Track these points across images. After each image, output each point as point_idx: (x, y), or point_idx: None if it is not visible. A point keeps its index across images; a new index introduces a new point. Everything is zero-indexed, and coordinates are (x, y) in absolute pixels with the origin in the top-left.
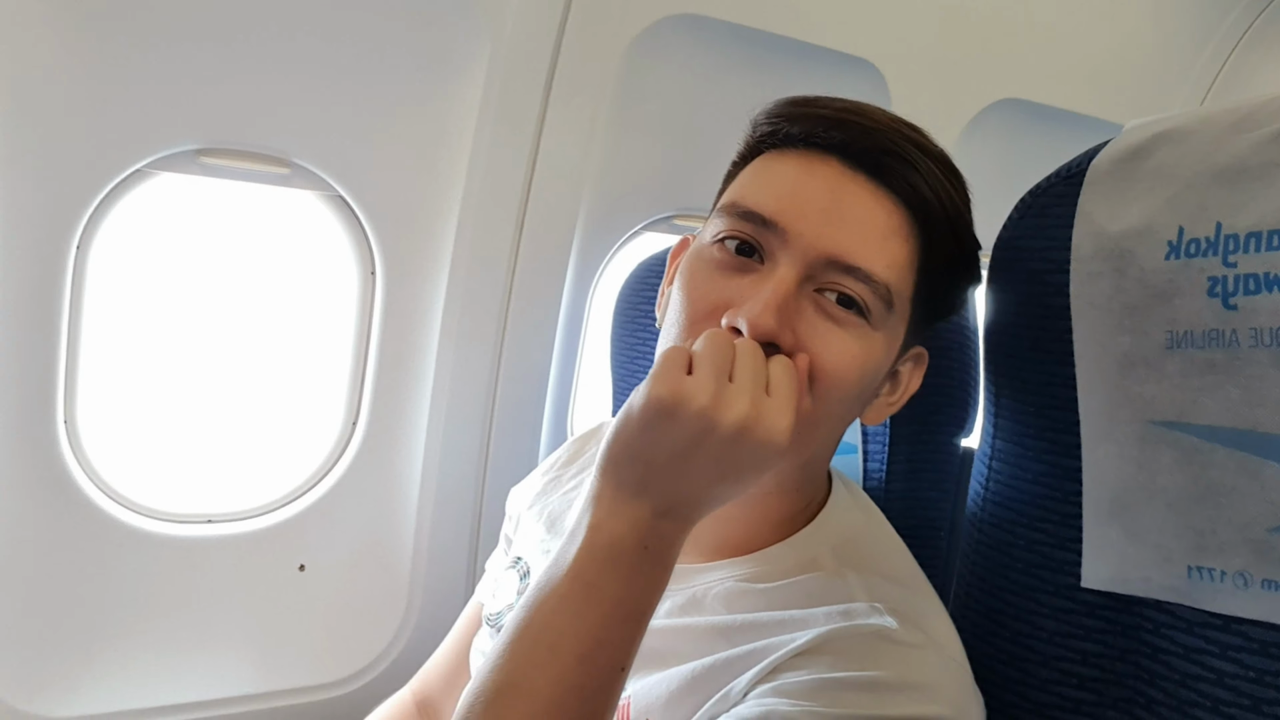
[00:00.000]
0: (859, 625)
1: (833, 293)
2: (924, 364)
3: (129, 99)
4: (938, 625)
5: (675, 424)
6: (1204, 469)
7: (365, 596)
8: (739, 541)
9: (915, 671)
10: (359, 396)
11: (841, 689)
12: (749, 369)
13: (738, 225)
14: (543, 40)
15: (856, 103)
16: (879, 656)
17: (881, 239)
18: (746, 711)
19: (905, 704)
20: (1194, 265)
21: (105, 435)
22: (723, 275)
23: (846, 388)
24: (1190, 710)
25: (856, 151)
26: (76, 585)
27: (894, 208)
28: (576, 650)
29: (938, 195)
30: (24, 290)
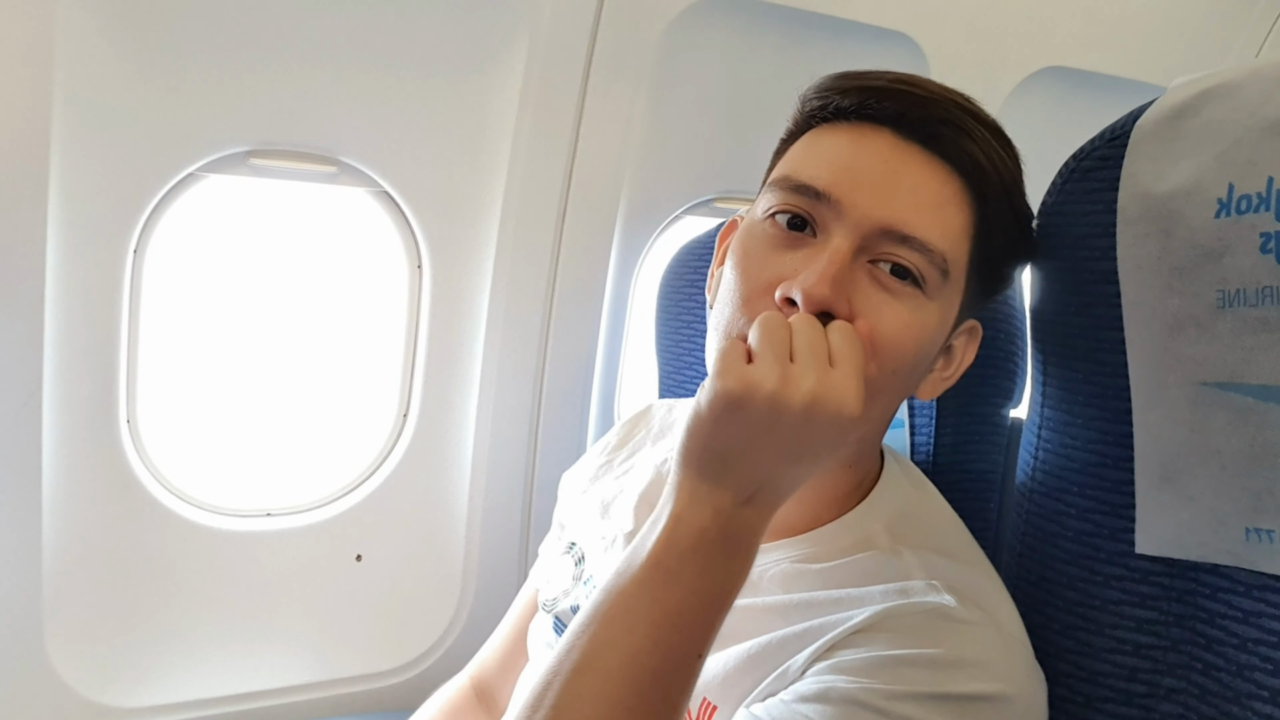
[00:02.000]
0: (916, 603)
1: (887, 263)
2: (978, 338)
3: (181, 105)
4: (997, 602)
5: (746, 413)
6: (1260, 429)
7: (421, 585)
8: (794, 522)
9: (974, 649)
10: (409, 388)
11: (900, 665)
12: (808, 344)
13: (790, 199)
14: (579, 29)
15: (907, 75)
16: (937, 634)
17: (936, 207)
18: (805, 688)
19: (965, 681)
20: (1245, 222)
21: (167, 433)
22: (776, 250)
23: (903, 357)
24: (1250, 674)
25: (909, 121)
26: (143, 580)
27: (948, 176)
28: (652, 634)
29: (993, 163)
30: (86, 295)
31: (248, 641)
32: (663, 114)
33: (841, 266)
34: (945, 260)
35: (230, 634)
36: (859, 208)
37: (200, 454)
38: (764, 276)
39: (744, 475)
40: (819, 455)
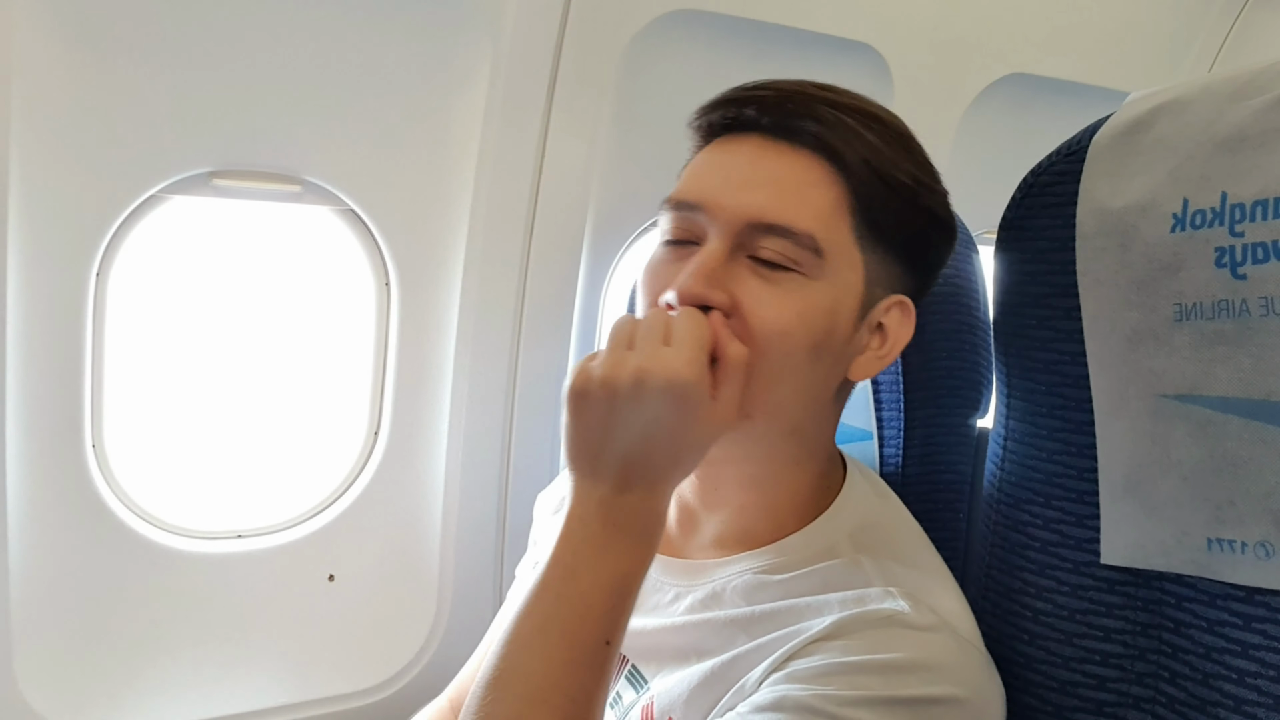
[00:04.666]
0: (872, 610)
1: (759, 254)
2: (911, 314)
3: (142, 127)
4: (952, 608)
5: (588, 401)
6: (1219, 440)
7: (395, 604)
8: (757, 533)
9: (928, 653)
10: (380, 407)
11: (853, 672)
12: (644, 329)
13: (672, 220)
14: (543, 44)
15: (773, 80)
16: (891, 640)
17: (796, 191)
18: (760, 699)
19: (918, 685)
20: (1200, 236)
21: (133, 457)
22: (667, 266)
23: (791, 338)
24: (1215, 683)
25: (768, 122)
26: (113, 605)
27: (810, 161)
28: (561, 628)
29: (848, 141)
30: (47, 318)
31: (221, 665)
32: (628, 128)
33: (713, 263)
34: (814, 239)
35: (203, 657)
36: (726, 208)
37: (169, 477)
38: (656, 291)
39: (610, 461)
40: (676, 432)
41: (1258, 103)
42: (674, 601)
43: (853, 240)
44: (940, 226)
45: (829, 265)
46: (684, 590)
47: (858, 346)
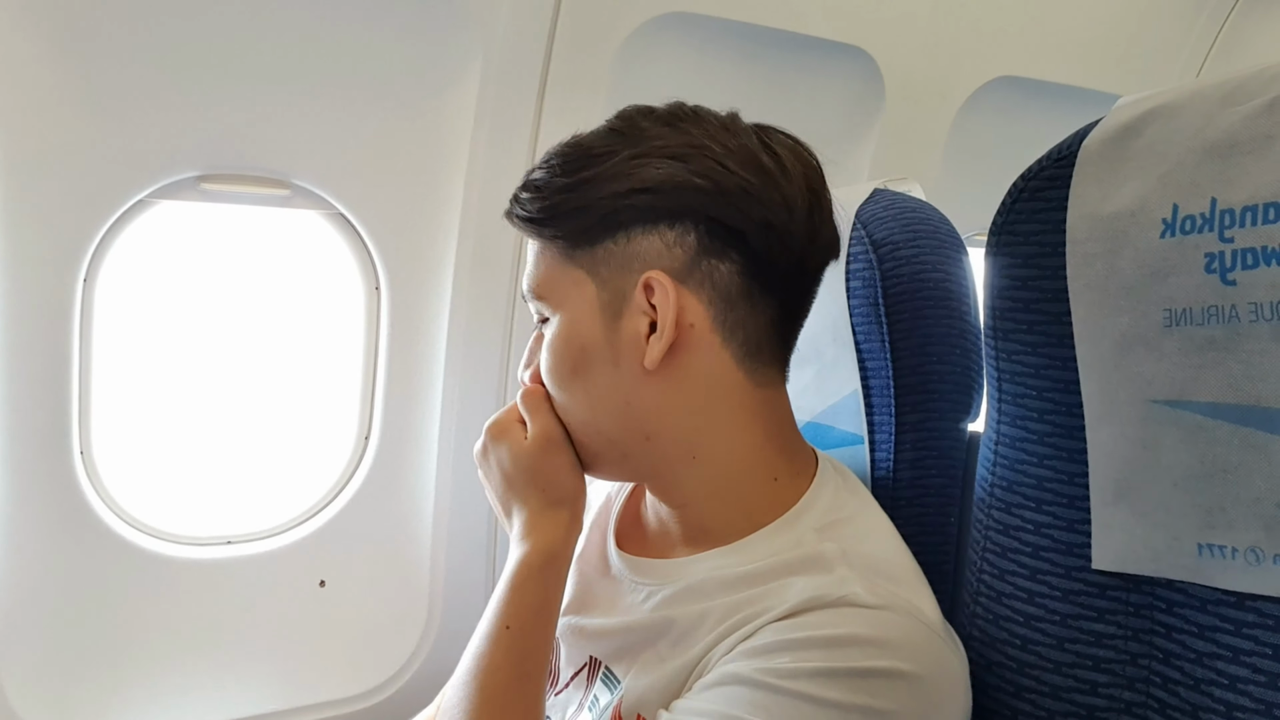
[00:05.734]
0: (827, 593)
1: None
2: (668, 286)
3: (128, 131)
4: (916, 593)
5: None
6: (1209, 446)
7: (386, 609)
8: (724, 532)
9: (876, 629)
10: (370, 410)
11: (797, 647)
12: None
13: None
14: (533, 47)
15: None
16: (841, 618)
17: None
18: (709, 678)
19: (860, 657)
20: (1189, 242)
21: (122, 463)
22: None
23: (556, 375)
24: (1206, 688)
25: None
26: (102, 612)
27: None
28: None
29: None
30: (34, 325)
31: (211, 672)
32: None
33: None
34: (531, 291)
35: (193, 665)
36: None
37: (158, 483)
38: None
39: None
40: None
41: (1247, 108)
42: (645, 600)
43: (564, 265)
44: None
45: (555, 299)
46: (655, 588)
47: (635, 339)
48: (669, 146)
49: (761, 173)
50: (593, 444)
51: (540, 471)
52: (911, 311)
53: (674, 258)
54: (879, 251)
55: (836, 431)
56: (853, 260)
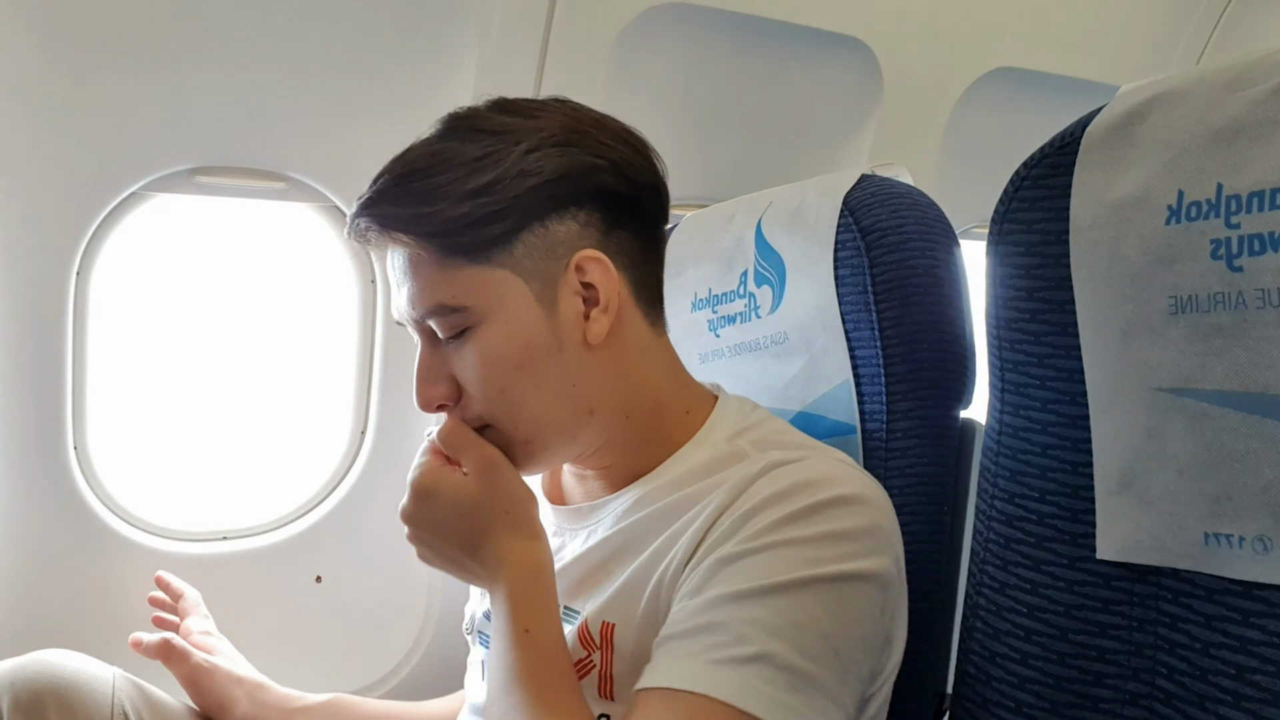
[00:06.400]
0: (753, 470)
1: (441, 333)
2: (601, 260)
3: (122, 123)
4: (826, 448)
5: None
6: (1215, 434)
7: (384, 604)
8: (641, 467)
9: (809, 473)
10: (366, 404)
11: (752, 515)
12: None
13: None
14: (530, 39)
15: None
16: (776, 479)
17: (410, 281)
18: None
19: (808, 496)
20: (1195, 229)
21: (117, 458)
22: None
23: (496, 379)
24: (1213, 678)
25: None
26: (97, 608)
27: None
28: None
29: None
30: (27, 318)
31: None
32: None
33: (425, 365)
34: (440, 304)
35: None
36: (401, 312)
37: (153, 477)
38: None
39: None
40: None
41: (1253, 93)
42: (586, 540)
43: (480, 269)
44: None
45: (481, 305)
46: (593, 526)
47: (574, 320)
48: (555, 135)
49: (626, 141)
50: (541, 438)
51: (494, 496)
52: (901, 299)
53: (590, 236)
54: (867, 239)
55: (828, 421)
56: (840, 248)
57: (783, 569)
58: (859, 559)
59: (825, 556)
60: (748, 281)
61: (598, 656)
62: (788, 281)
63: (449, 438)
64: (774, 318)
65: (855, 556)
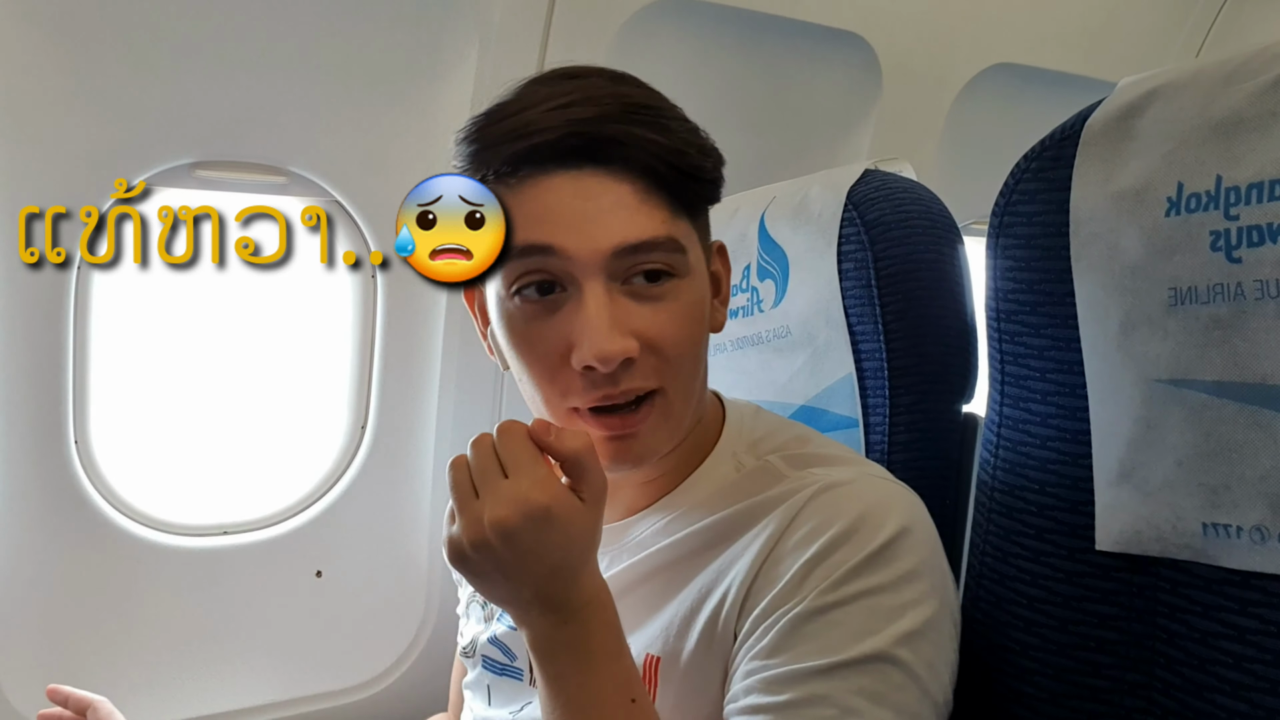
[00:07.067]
0: (798, 495)
1: (637, 276)
2: (724, 252)
3: (123, 118)
4: (858, 459)
5: (472, 566)
6: (1214, 425)
7: (383, 599)
8: (662, 483)
9: (864, 502)
10: (366, 400)
11: (819, 561)
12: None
13: (523, 267)
14: (530, 33)
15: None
16: (826, 507)
17: (638, 209)
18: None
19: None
20: (1195, 220)
21: (118, 453)
22: (541, 321)
23: (691, 337)
24: (1211, 668)
25: (565, 156)
26: (98, 603)
27: (624, 178)
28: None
29: (646, 149)
30: (28, 314)
31: (207, 662)
32: None
33: (608, 309)
34: (672, 239)
35: (189, 655)
36: (584, 246)
37: (154, 472)
38: (550, 353)
39: (528, 601)
40: (563, 547)
41: (1252, 86)
42: (609, 564)
43: (685, 225)
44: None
45: (690, 257)
46: (616, 552)
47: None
48: None
49: None
50: (686, 416)
51: (597, 530)
52: (905, 293)
53: (709, 228)
54: (871, 233)
55: (830, 415)
56: (844, 242)
57: (873, 627)
58: (934, 596)
59: (908, 601)
60: (751, 275)
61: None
62: (791, 276)
63: (583, 453)
64: (777, 312)
65: (931, 594)
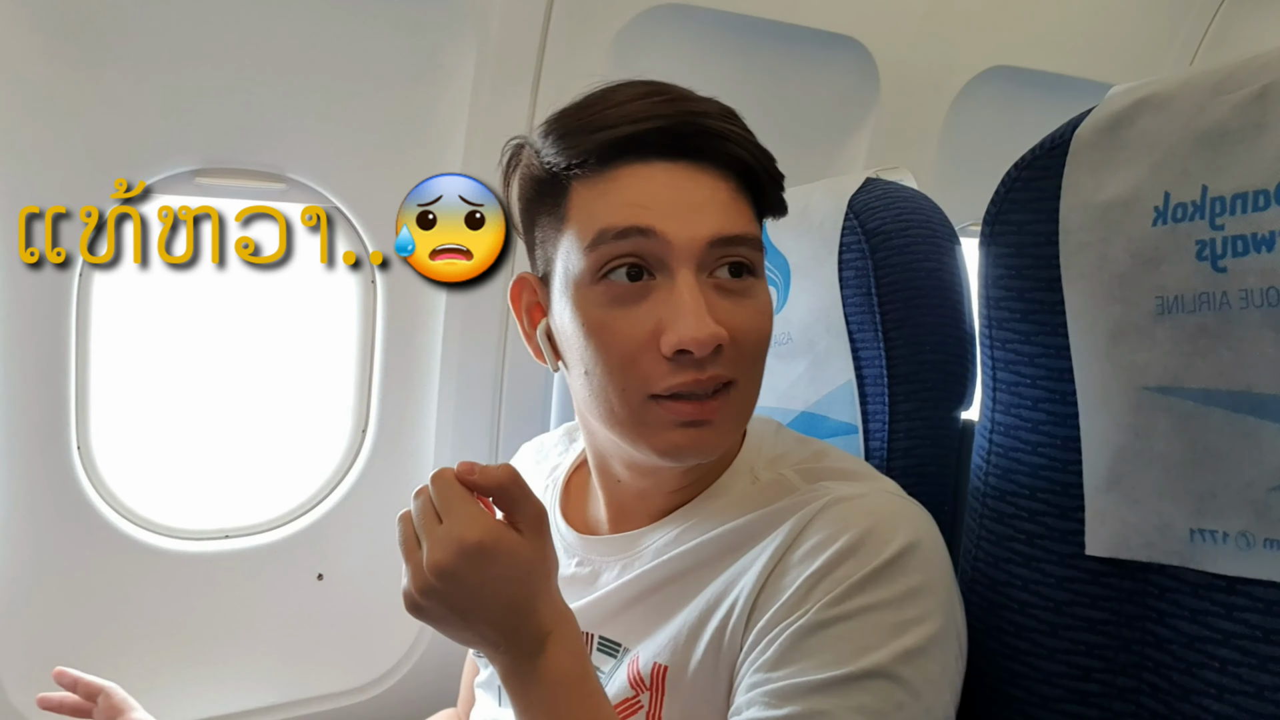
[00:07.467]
0: (807, 507)
1: (722, 268)
2: None
3: (124, 126)
4: (871, 472)
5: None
6: (1200, 433)
7: (384, 603)
8: (679, 497)
9: (872, 517)
10: (367, 403)
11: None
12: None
13: (618, 249)
14: (527, 39)
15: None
16: (834, 520)
17: (731, 204)
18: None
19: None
20: (1181, 230)
21: (119, 457)
22: (627, 306)
23: (767, 339)
24: (1198, 672)
25: (669, 147)
26: (100, 607)
27: (720, 174)
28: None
29: (743, 149)
30: (31, 320)
31: (209, 665)
32: None
33: (704, 307)
34: (758, 239)
35: (191, 658)
36: (683, 232)
37: (155, 477)
38: (635, 336)
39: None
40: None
41: (1237, 97)
42: (620, 573)
43: (756, 222)
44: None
45: (763, 259)
46: (628, 560)
47: None
48: None
49: None
50: (750, 413)
51: (547, 559)
52: (904, 301)
53: None
54: (872, 241)
55: (830, 421)
56: (845, 250)
57: (875, 642)
58: (939, 612)
59: (911, 618)
60: None
61: (646, 698)
62: (792, 283)
63: (509, 485)
64: (779, 318)
65: (936, 611)
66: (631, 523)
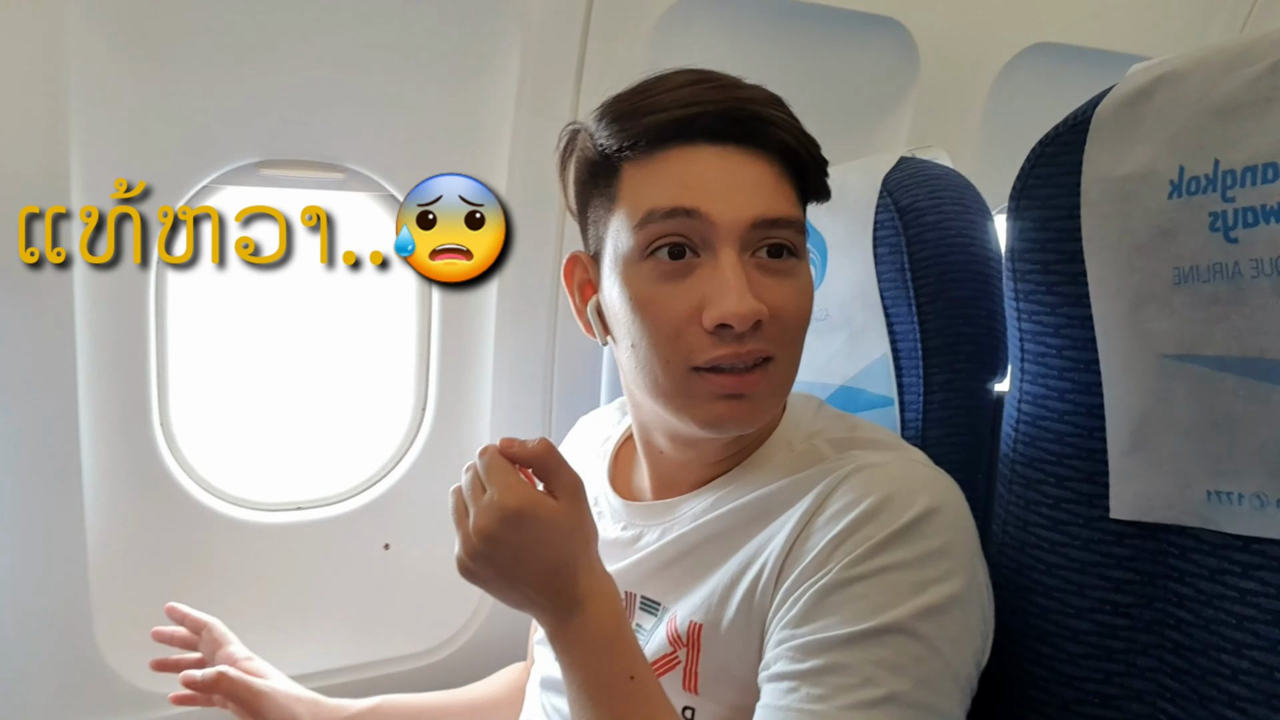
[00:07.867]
0: (833, 474)
1: (763, 249)
2: None
3: (193, 120)
4: (900, 443)
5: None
6: (1216, 397)
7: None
8: (718, 470)
9: (892, 484)
10: (425, 384)
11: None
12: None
13: (665, 228)
14: (570, 28)
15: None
16: (858, 486)
17: (776, 187)
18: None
19: (900, 514)
20: (1195, 202)
21: (200, 435)
22: (672, 282)
23: (805, 316)
24: (1216, 627)
25: (717, 131)
26: (183, 573)
27: (767, 158)
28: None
29: (790, 134)
30: (114, 307)
31: (283, 629)
32: None
33: (746, 284)
34: (800, 221)
35: (266, 622)
36: (727, 213)
37: (233, 453)
38: (679, 310)
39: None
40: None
41: (1250, 72)
42: (660, 536)
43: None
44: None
45: (805, 241)
46: (668, 525)
47: None
48: None
49: None
50: (788, 389)
51: (584, 524)
52: (937, 276)
53: None
54: (905, 218)
55: (867, 394)
56: (879, 227)
57: (895, 600)
58: (960, 574)
59: (931, 578)
60: None
61: (684, 654)
62: (829, 260)
63: (546, 457)
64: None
65: (957, 572)
66: (673, 491)
